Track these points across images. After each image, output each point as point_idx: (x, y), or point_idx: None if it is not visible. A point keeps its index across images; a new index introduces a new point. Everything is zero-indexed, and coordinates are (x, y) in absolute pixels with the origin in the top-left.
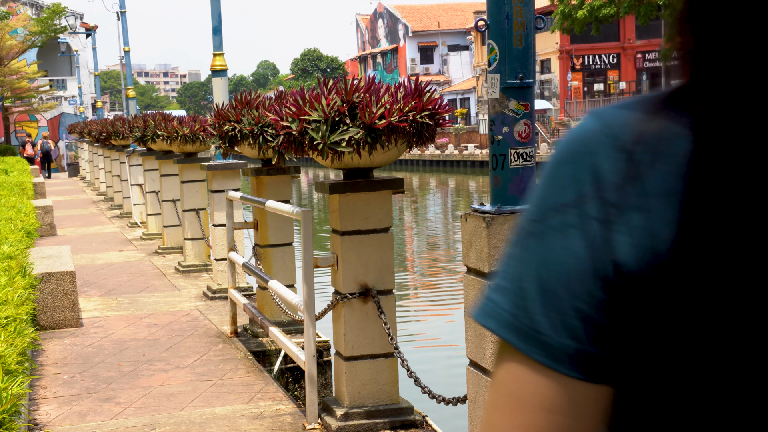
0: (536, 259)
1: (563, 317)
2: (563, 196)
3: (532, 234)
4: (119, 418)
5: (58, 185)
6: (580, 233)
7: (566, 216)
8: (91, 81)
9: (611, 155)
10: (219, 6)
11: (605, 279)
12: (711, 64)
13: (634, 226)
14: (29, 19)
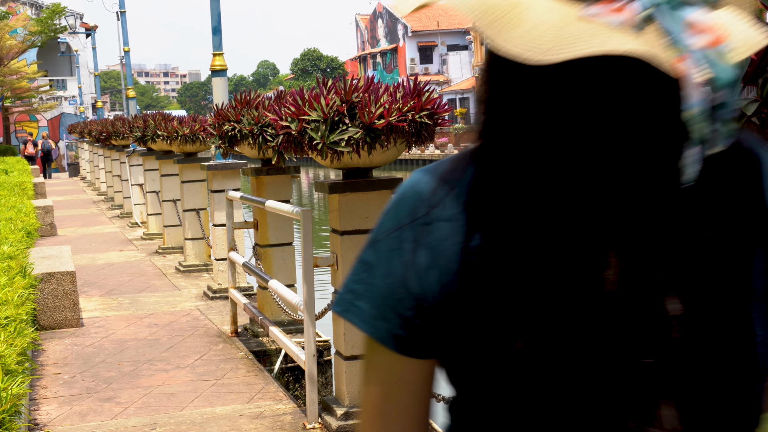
0: (379, 266)
1: (390, 315)
2: (394, 224)
3: (377, 247)
4: (120, 418)
5: (58, 185)
6: (399, 259)
7: (394, 240)
8: (91, 81)
9: (419, 202)
10: (218, 6)
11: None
12: (493, 135)
13: (432, 256)
14: (29, 19)
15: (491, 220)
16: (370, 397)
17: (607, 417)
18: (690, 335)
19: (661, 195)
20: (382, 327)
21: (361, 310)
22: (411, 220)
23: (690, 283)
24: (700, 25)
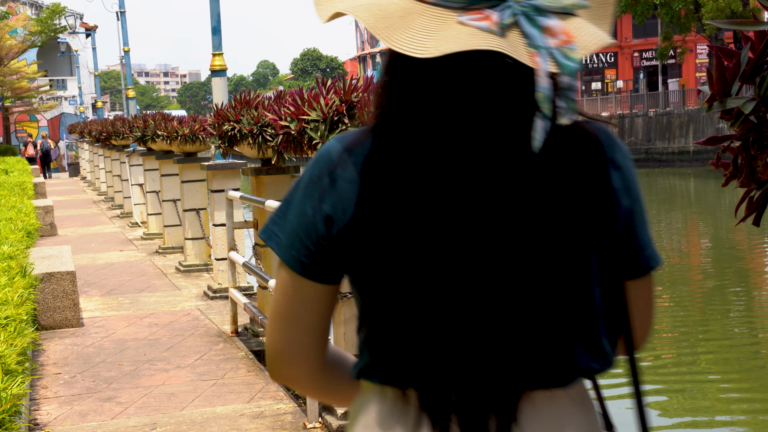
0: (293, 207)
1: (292, 241)
2: (310, 181)
3: (294, 193)
4: (120, 418)
5: (58, 185)
6: (309, 203)
7: (307, 189)
8: (91, 81)
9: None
10: (218, 6)
11: (321, 227)
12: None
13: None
14: (29, 19)
15: (378, 184)
16: (277, 304)
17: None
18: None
19: (515, 157)
20: (292, 254)
21: (279, 239)
22: (320, 176)
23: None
24: (554, 29)
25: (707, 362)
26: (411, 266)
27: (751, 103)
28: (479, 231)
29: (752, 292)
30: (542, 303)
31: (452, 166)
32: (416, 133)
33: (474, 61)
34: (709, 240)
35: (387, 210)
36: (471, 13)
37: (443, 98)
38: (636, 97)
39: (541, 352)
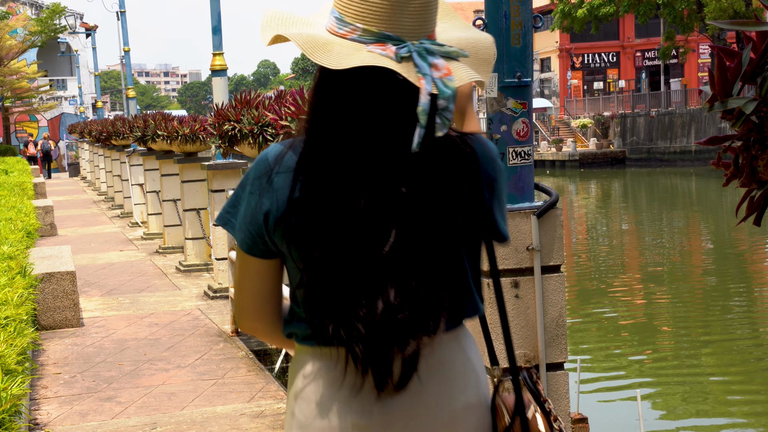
0: (242, 203)
1: (244, 228)
2: (251, 180)
3: (241, 189)
4: (120, 418)
5: (58, 185)
6: (253, 197)
7: (251, 187)
8: (92, 81)
9: (267, 164)
10: (218, 6)
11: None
12: (313, 126)
13: (278, 196)
14: (29, 19)
15: (305, 180)
16: (237, 276)
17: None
18: (406, 243)
19: (400, 156)
20: (241, 238)
21: (232, 224)
22: (260, 174)
23: (411, 212)
24: (438, 65)
25: (708, 360)
26: (331, 245)
27: (753, 103)
28: (380, 215)
29: (753, 290)
30: (430, 268)
31: (358, 166)
32: (332, 143)
33: (375, 81)
34: (711, 239)
35: (313, 203)
36: (378, 45)
37: (352, 113)
38: (638, 96)
39: (433, 306)
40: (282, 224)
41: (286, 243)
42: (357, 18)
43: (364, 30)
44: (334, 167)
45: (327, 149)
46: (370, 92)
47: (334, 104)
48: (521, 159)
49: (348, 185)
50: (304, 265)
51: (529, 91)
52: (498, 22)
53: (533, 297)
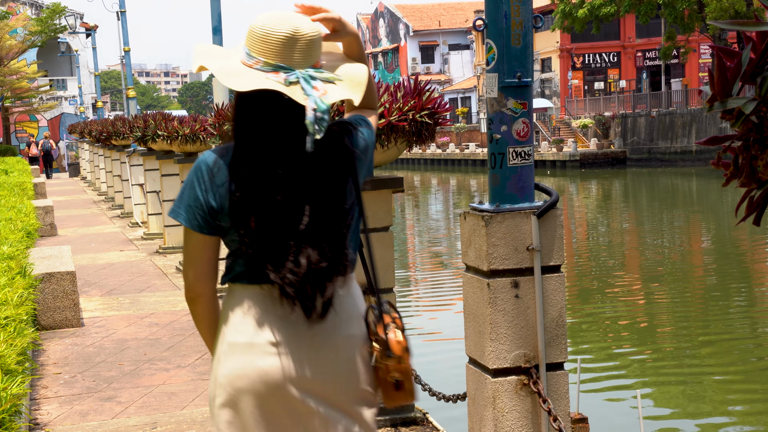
0: (188, 198)
1: (191, 216)
2: (193, 181)
3: (187, 187)
4: (120, 418)
5: (58, 185)
6: (198, 192)
7: (194, 187)
8: (92, 81)
9: (207, 168)
10: (219, 5)
11: (207, 208)
12: (239, 136)
13: (219, 190)
14: (29, 19)
15: (239, 178)
16: (185, 251)
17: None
18: (317, 218)
19: (299, 155)
20: (189, 220)
21: (181, 214)
22: (203, 176)
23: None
24: (318, 87)
25: (709, 360)
26: (264, 225)
27: (752, 103)
28: (296, 200)
29: (754, 290)
30: (335, 233)
31: (271, 163)
32: (251, 148)
33: (273, 102)
34: (711, 239)
35: (247, 195)
36: (273, 73)
37: (261, 124)
38: (639, 96)
39: (339, 254)
40: (226, 211)
41: (231, 223)
42: (260, 53)
43: (265, 62)
44: (257, 166)
45: (249, 153)
46: (270, 108)
47: (248, 118)
48: (521, 159)
49: (269, 180)
50: (245, 238)
51: (530, 91)
52: (498, 23)
53: (533, 297)
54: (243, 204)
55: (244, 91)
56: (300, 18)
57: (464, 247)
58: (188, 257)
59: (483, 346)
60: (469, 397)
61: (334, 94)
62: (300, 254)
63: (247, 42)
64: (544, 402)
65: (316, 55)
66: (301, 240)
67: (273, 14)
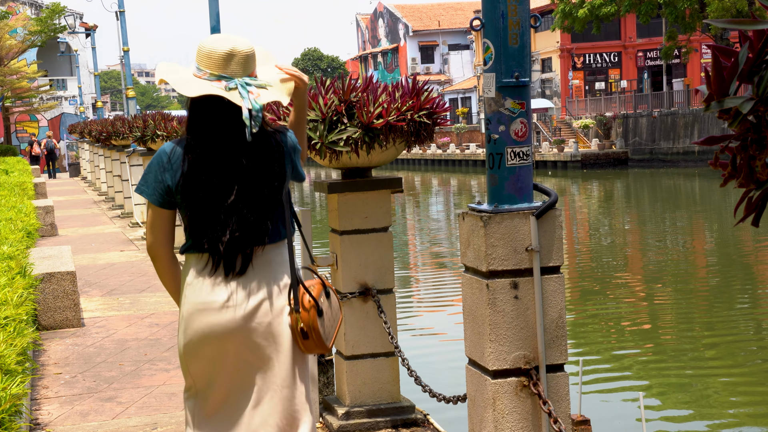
0: (151, 178)
1: (153, 192)
2: (155, 164)
3: (150, 169)
4: (121, 418)
5: (59, 185)
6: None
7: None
8: (91, 81)
9: (166, 154)
10: (217, 5)
11: (165, 186)
12: (190, 130)
13: (174, 172)
14: (29, 19)
15: (189, 162)
16: (147, 220)
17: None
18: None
19: (238, 146)
20: (152, 196)
21: (144, 191)
22: (162, 161)
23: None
24: (253, 91)
25: (712, 361)
26: (204, 198)
27: (750, 102)
28: (228, 180)
29: (757, 291)
30: (258, 208)
31: (216, 152)
32: (201, 139)
33: (218, 103)
34: (714, 240)
35: (195, 174)
36: (217, 82)
37: (207, 120)
38: (640, 97)
39: (260, 227)
40: (179, 187)
41: (181, 198)
42: (206, 66)
43: (210, 74)
44: (204, 154)
45: (198, 144)
46: (214, 109)
47: (197, 117)
48: (520, 159)
49: (212, 164)
50: (189, 211)
51: (528, 91)
52: (495, 22)
53: (533, 298)
54: (189, 183)
55: (194, 96)
56: (237, 38)
57: (463, 247)
58: (149, 226)
59: (482, 347)
60: (469, 398)
61: (265, 97)
62: (226, 225)
63: (197, 58)
64: (544, 404)
65: (252, 67)
66: (228, 214)
67: (216, 36)
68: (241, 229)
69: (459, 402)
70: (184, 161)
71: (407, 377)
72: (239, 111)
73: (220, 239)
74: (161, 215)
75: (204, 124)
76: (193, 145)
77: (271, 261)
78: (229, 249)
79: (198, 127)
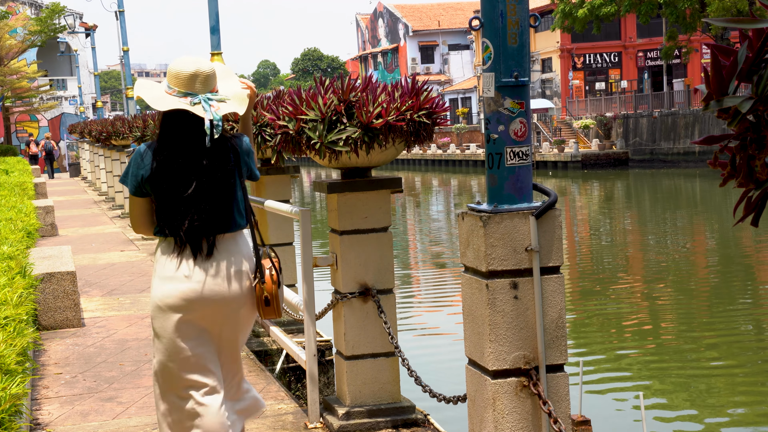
0: (130, 172)
1: (131, 183)
2: (133, 161)
3: (129, 165)
4: (121, 418)
5: (59, 185)
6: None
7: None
8: (91, 81)
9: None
10: (216, 5)
11: (139, 179)
12: (161, 136)
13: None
14: (29, 19)
15: (157, 161)
16: (129, 207)
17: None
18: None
19: (202, 148)
20: (131, 187)
21: (126, 182)
22: (138, 159)
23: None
24: (214, 105)
25: (712, 362)
26: (168, 191)
27: (749, 101)
28: (189, 176)
29: (758, 292)
30: (215, 201)
31: (181, 154)
32: (169, 144)
33: (185, 115)
34: (715, 239)
35: (160, 171)
36: (183, 98)
37: (175, 129)
38: (640, 97)
39: (221, 217)
40: (149, 180)
41: (150, 189)
42: (175, 85)
43: (178, 91)
44: (170, 155)
45: (167, 146)
46: (182, 120)
47: (167, 126)
48: (519, 159)
49: (175, 164)
50: (157, 200)
51: (527, 90)
52: (494, 22)
53: (532, 298)
54: (155, 178)
55: (165, 110)
56: (201, 60)
57: (463, 247)
58: (131, 211)
59: (482, 347)
60: (469, 398)
61: (224, 108)
62: (186, 215)
63: (167, 78)
64: (544, 404)
65: (213, 84)
66: (189, 206)
67: (183, 59)
68: (200, 218)
69: (459, 402)
70: (153, 161)
71: (407, 377)
72: (202, 121)
73: (181, 226)
74: (138, 202)
75: (172, 132)
76: (161, 149)
77: (233, 245)
78: (190, 235)
79: (167, 134)
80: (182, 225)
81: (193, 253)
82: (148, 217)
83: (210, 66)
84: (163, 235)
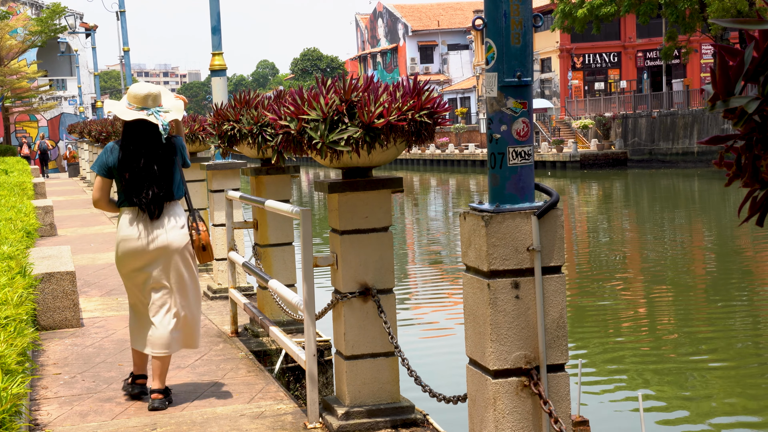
0: (101, 160)
1: (100, 169)
2: (103, 153)
3: (100, 155)
4: (120, 418)
5: (58, 185)
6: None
7: (104, 156)
8: (91, 81)
9: (109, 149)
10: (218, 5)
11: (108, 166)
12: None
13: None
14: (29, 19)
15: (122, 153)
16: (95, 186)
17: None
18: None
19: (156, 147)
20: (101, 172)
21: (96, 167)
22: (107, 152)
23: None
24: (163, 114)
25: (711, 362)
26: (135, 171)
27: (755, 102)
28: (145, 162)
29: (758, 292)
30: (164, 181)
31: (140, 150)
32: (129, 141)
33: (143, 123)
34: (714, 239)
35: (127, 159)
36: (140, 111)
37: (136, 132)
38: (639, 97)
39: (167, 190)
40: (116, 167)
41: (117, 173)
42: (133, 102)
43: (136, 106)
44: (135, 148)
45: (131, 142)
46: (141, 127)
47: (131, 130)
48: (521, 159)
49: (140, 154)
50: (123, 181)
51: (529, 90)
52: (498, 22)
53: (534, 298)
54: (123, 165)
55: (129, 120)
56: (151, 85)
57: (464, 247)
58: (95, 188)
59: (483, 347)
60: (470, 398)
61: (169, 117)
62: (149, 189)
63: (127, 98)
64: (545, 404)
65: (160, 101)
66: (149, 183)
67: (138, 85)
68: (155, 190)
69: (459, 402)
70: (120, 152)
71: (407, 377)
72: (156, 126)
73: (143, 196)
74: (103, 182)
75: (134, 134)
76: (126, 144)
77: (173, 210)
78: (149, 203)
79: (131, 134)
80: (146, 195)
81: (150, 216)
82: (107, 194)
83: (157, 88)
84: (129, 204)
